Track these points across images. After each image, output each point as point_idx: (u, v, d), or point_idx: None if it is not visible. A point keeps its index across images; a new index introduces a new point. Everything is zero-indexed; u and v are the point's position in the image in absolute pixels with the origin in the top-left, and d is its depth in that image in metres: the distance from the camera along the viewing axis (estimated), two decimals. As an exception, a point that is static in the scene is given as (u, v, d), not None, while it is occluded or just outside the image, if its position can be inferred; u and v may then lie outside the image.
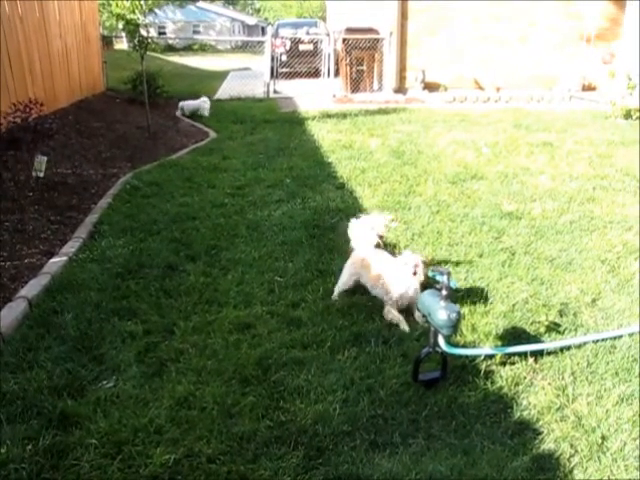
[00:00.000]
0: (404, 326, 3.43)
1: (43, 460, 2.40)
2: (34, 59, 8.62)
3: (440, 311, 2.69)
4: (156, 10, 42.15)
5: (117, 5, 8.48)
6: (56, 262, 4.28)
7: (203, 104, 11.58)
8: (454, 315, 2.67)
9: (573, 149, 8.19)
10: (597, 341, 3.31)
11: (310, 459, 2.44)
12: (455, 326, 2.73)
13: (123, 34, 25.15)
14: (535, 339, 3.35)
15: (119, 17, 8.67)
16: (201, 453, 2.46)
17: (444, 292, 2.72)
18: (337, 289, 3.84)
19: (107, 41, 17.80)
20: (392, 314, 3.51)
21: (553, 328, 3.47)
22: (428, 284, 3.27)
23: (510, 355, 3.14)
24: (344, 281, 3.81)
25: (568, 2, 13.92)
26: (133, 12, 8.44)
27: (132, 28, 8.62)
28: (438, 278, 2.79)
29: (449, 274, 2.72)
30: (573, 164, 7.35)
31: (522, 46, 14.18)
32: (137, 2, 8.51)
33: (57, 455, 2.44)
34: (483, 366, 3.06)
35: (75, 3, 11.19)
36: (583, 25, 14.07)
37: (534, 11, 13.96)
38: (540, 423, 2.69)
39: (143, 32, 8.91)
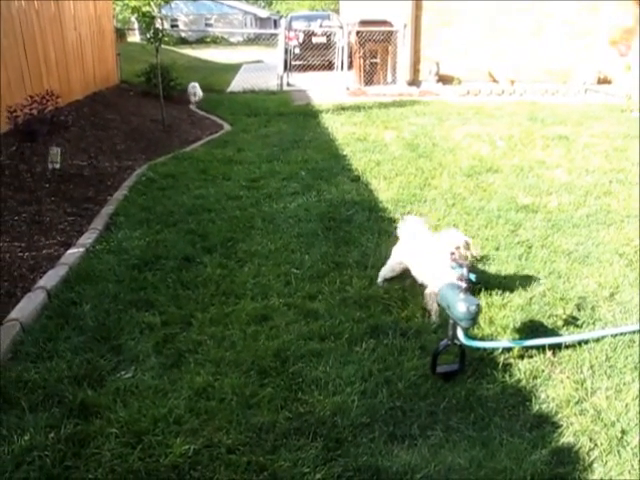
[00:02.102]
0: (434, 317, 3.40)
1: (65, 448, 2.43)
2: (49, 52, 8.67)
3: (459, 304, 2.68)
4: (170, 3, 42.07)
5: (133, -2, 8.50)
6: (73, 253, 4.31)
7: (191, 89, 12.36)
8: (473, 308, 2.66)
9: (589, 142, 8.13)
10: (616, 335, 3.29)
11: (329, 450, 2.45)
12: (474, 319, 2.73)
13: (136, 27, 25.23)
14: (553, 332, 3.34)
15: (134, 10, 8.68)
16: (220, 443, 2.48)
17: (463, 285, 2.72)
18: (381, 275, 3.85)
19: (120, 34, 17.82)
20: (430, 300, 3.43)
21: (571, 322, 3.45)
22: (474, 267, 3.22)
23: (528, 348, 3.14)
24: (390, 266, 3.82)
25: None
26: (148, 4, 8.44)
27: (147, 21, 8.62)
28: (458, 270, 2.78)
29: (469, 266, 2.72)
30: (589, 157, 7.29)
31: (537, 39, 14.03)
32: (152, -6, 8.52)
33: (79, 443, 2.46)
34: (501, 359, 3.05)
35: (89, -4, 11.22)
36: (599, 18, 13.91)
37: (549, 3, 13.81)
38: (559, 416, 2.69)
39: (158, 25, 8.91)
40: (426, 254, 3.47)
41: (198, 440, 2.49)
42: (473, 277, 2.75)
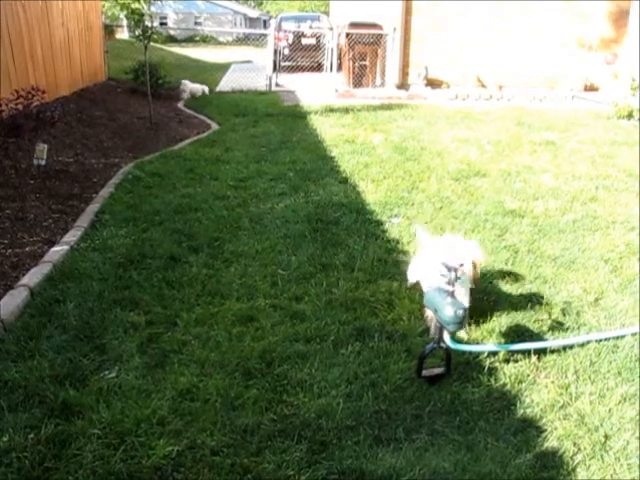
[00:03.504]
0: (431, 327, 3.27)
1: (45, 449, 2.39)
2: (36, 47, 8.56)
3: (447, 307, 2.67)
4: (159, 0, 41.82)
5: (122, -6, 8.43)
6: (57, 251, 4.26)
7: (182, 87, 12.69)
8: (460, 312, 2.66)
9: (576, 148, 8.19)
10: (600, 340, 3.30)
11: (314, 453, 2.43)
12: (461, 323, 2.72)
13: (125, 23, 25.06)
14: (538, 337, 3.35)
15: (123, 6, 8.61)
16: (204, 445, 2.45)
17: (451, 288, 2.71)
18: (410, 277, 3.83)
19: (109, 30, 17.69)
20: (431, 316, 3.22)
21: (556, 326, 3.47)
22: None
23: (513, 352, 3.14)
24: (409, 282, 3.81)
25: (572, 2, 13.86)
26: (137, 1, 8.38)
27: (136, 18, 8.55)
28: (446, 274, 2.78)
29: (457, 270, 2.71)
30: (576, 163, 7.35)
31: (525, 45, 14.12)
32: (142, -9, 8.45)
33: (59, 444, 2.42)
34: (487, 363, 3.05)
35: (78, -9, 11.13)
36: (587, 26, 14.03)
37: (538, 10, 13.90)
38: (543, 421, 2.69)
39: (147, 22, 8.85)
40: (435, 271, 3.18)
41: (182, 441, 2.46)
42: (465, 279, 2.75)
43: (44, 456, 2.36)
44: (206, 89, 13.20)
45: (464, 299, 3.06)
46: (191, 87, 12.82)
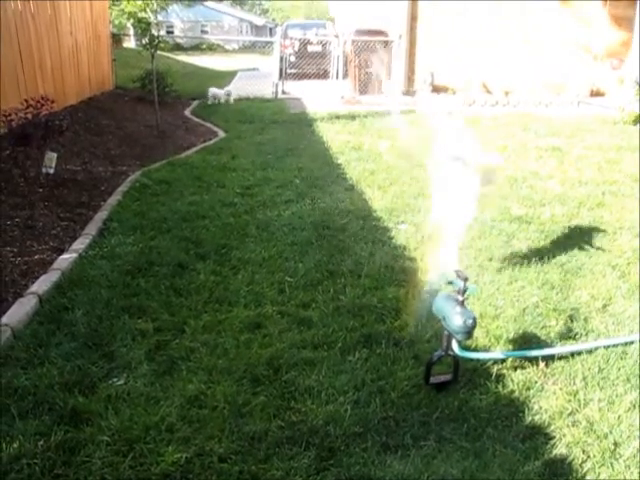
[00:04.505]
0: None
1: (55, 456, 2.40)
2: (45, 56, 8.66)
3: (456, 316, 2.67)
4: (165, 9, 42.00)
5: (129, 3, 8.50)
6: (66, 258, 4.28)
7: (209, 94, 13.45)
8: (470, 322, 2.65)
9: (582, 154, 8.17)
10: (608, 347, 3.29)
11: (322, 460, 2.43)
12: (470, 332, 2.71)
13: (132, 32, 25.23)
14: (546, 343, 3.34)
15: (130, 15, 8.70)
16: (212, 452, 2.45)
17: (460, 297, 2.71)
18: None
19: (116, 39, 17.82)
20: None
21: (564, 333, 3.46)
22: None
23: (521, 359, 3.14)
24: None
25: (577, 6, 13.87)
26: (144, 11, 8.46)
27: (143, 27, 8.64)
28: (455, 282, 2.77)
29: (466, 279, 2.71)
30: (582, 169, 7.33)
31: (531, 51, 14.13)
32: (148, 1, 8.52)
33: (69, 451, 2.43)
34: (494, 369, 3.05)
35: (86, 1, 11.22)
36: (593, 31, 14.02)
37: (544, 16, 13.92)
38: (552, 428, 2.68)
39: (154, 31, 8.93)
40: None
41: (190, 448, 2.47)
42: (473, 288, 2.75)
43: (54, 463, 2.37)
44: (222, 92, 13.74)
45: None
46: (215, 92, 13.42)
